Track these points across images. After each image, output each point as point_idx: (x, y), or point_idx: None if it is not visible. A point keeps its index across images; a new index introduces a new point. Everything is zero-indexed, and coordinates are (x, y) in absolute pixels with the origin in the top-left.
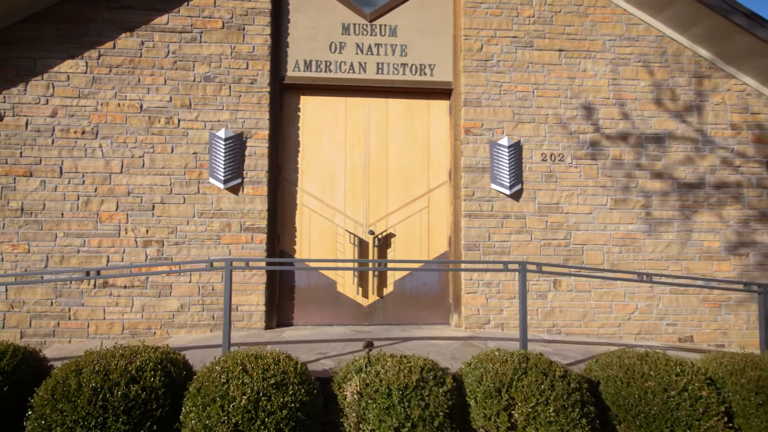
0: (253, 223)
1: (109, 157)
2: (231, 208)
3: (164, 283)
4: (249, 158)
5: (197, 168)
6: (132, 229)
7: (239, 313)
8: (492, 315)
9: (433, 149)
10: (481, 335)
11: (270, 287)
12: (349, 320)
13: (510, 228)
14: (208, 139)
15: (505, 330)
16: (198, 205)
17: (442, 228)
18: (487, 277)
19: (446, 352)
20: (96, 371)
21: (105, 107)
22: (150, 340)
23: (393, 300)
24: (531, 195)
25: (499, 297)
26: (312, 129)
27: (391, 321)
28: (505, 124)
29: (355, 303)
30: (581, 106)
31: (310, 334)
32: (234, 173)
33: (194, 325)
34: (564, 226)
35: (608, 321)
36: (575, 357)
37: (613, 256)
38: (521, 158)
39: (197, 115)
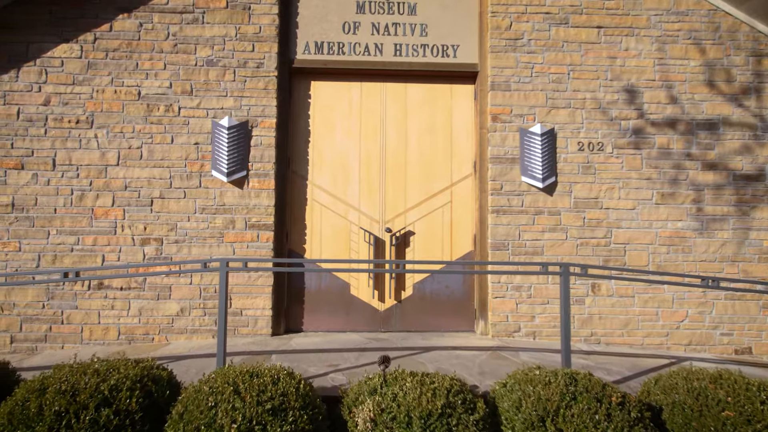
0: (259, 219)
1: (105, 148)
2: (235, 204)
3: (163, 285)
4: (255, 149)
5: (199, 160)
6: (129, 226)
7: (243, 317)
8: (522, 322)
9: (456, 138)
10: (510, 345)
11: (277, 290)
12: (363, 326)
13: (542, 225)
14: (211, 128)
15: (537, 339)
16: (199, 200)
17: (467, 225)
18: (517, 280)
19: (473, 365)
20: (62, 391)
21: (101, 94)
22: (146, 347)
23: (412, 305)
24: (566, 189)
25: (530, 302)
26: (324, 117)
27: (409, 328)
28: (537, 109)
29: (370, 308)
30: (623, 89)
31: (320, 342)
32: (238, 165)
33: (195, 330)
34: (603, 224)
35: (654, 330)
36: (621, 372)
37: (659, 257)
38: (555, 148)
39: (199, 102)
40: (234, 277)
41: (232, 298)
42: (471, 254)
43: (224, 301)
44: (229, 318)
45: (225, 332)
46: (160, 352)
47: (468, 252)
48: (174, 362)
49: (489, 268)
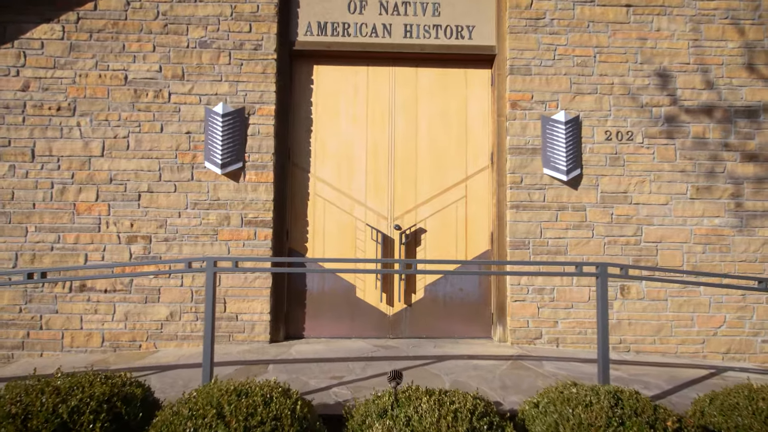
0: (257, 215)
1: (89, 138)
2: (230, 198)
3: (151, 287)
4: (252, 138)
5: (191, 150)
6: (114, 223)
7: (239, 323)
8: (545, 328)
9: (471, 127)
10: (532, 353)
11: (276, 292)
12: (370, 332)
13: (566, 222)
14: (204, 116)
15: (560, 347)
16: (191, 194)
17: (483, 222)
18: (539, 282)
19: (493, 378)
20: (11, 415)
21: (84, 79)
22: (132, 355)
23: (423, 308)
24: (592, 182)
25: (553, 306)
26: (327, 104)
27: (420, 334)
28: (561, 95)
29: (377, 312)
30: (654, 74)
31: (323, 350)
32: (234, 156)
33: (186, 337)
34: (633, 220)
35: (689, 336)
36: (659, 385)
37: (694, 257)
38: (580, 137)
39: (191, 87)
40: (229, 279)
41: (227, 301)
42: (488, 254)
43: (211, 307)
44: (224, 323)
45: (212, 342)
46: (147, 360)
47: (484, 251)
48: (159, 373)
49: (513, 268)
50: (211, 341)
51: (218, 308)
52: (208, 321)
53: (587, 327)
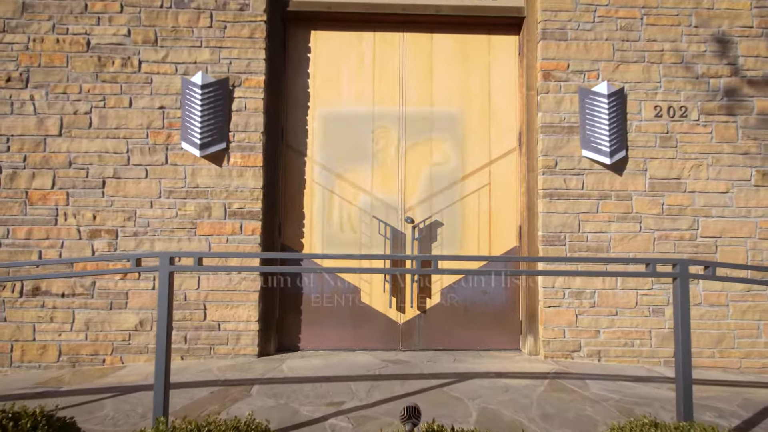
0: (243, 206)
1: (44, 114)
2: (212, 185)
3: (117, 291)
4: (237, 114)
5: (165, 129)
6: (74, 215)
7: (222, 333)
8: (584, 339)
9: (495, 103)
10: (571, 370)
11: (267, 297)
12: (377, 343)
13: (609, 213)
14: (180, 88)
15: (603, 360)
16: (166, 180)
17: (509, 214)
18: (577, 284)
19: (529, 404)
20: None
21: (39, 45)
22: (94, 371)
23: (439, 315)
24: (639, 166)
25: (593, 313)
26: (327, 76)
27: (436, 345)
28: (602, 64)
29: (386, 319)
30: (712, 39)
31: (320, 365)
32: (216, 136)
33: None
34: (688, 211)
35: (755, 349)
36: (735, 412)
37: (761, 255)
38: (625, 113)
39: (165, 54)
40: (210, 281)
41: (207, 307)
42: (515, 251)
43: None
44: (203, 333)
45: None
46: (108, 379)
47: (512, 248)
48: (119, 397)
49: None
50: (166, 363)
51: (197, 315)
52: (161, 335)
53: (634, 337)
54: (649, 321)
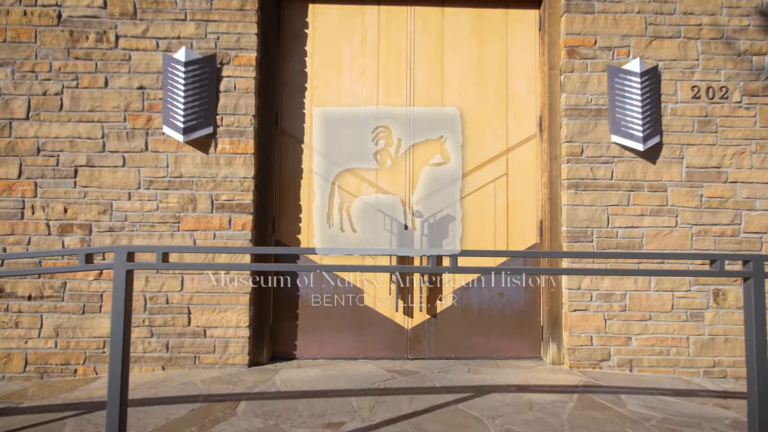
0: (232, 197)
1: (9, 95)
2: (197, 175)
3: (90, 293)
4: (226, 96)
5: (145, 111)
6: (43, 207)
7: (208, 340)
8: (614, 346)
9: (513, 85)
10: (601, 382)
11: (258, 300)
12: (382, 351)
13: (641, 206)
14: (162, 66)
15: (635, 371)
16: (146, 169)
17: (529, 207)
18: (605, 285)
19: (560, 424)
20: None
21: (4, 17)
22: (64, 383)
23: (451, 320)
24: (675, 153)
25: (625, 317)
26: (327, 54)
27: (448, 353)
28: (633, 40)
29: (392, 324)
30: (756, 12)
31: (318, 377)
32: (201, 119)
33: (137, 359)
34: (729, 204)
35: None
36: None
37: None
38: (659, 94)
39: (145, 28)
40: (194, 282)
41: (191, 311)
42: (535, 248)
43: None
44: (187, 341)
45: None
46: (77, 393)
47: (532, 245)
48: (83, 415)
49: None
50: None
51: (180, 320)
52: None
53: (670, 345)
54: (686, 326)
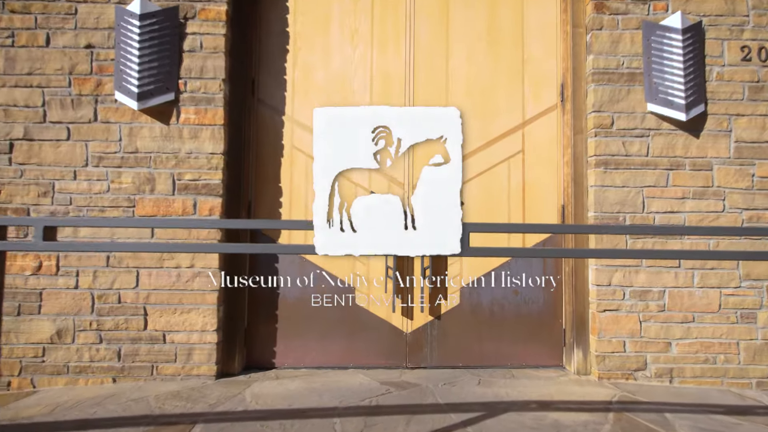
0: (197, 177)
1: None
2: (156, 150)
3: (27, 291)
4: (191, 56)
5: (94, 75)
6: None
7: (168, 346)
8: (650, 353)
9: (530, 48)
10: (639, 396)
11: (230, 299)
12: (377, 358)
13: (682, 187)
14: (114, 20)
15: (676, 382)
16: (95, 143)
17: (548, 190)
18: (640, 281)
19: None
20: None
21: None
22: None
23: (458, 322)
24: (722, 125)
25: (664, 319)
26: (312, 10)
27: (455, 361)
28: None
29: (388, 327)
30: None
31: (298, 391)
32: (161, 83)
33: (83, 369)
34: None
35: None
36: None
37: None
38: (703, 55)
39: None
40: (152, 276)
41: (148, 312)
42: (556, 237)
43: None
44: (143, 347)
45: None
46: (3, 412)
47: (553, 234)
48: None
49: None
50: None
51: (135, 323)
52: None
53: (717, 351)
54: (736, 329)
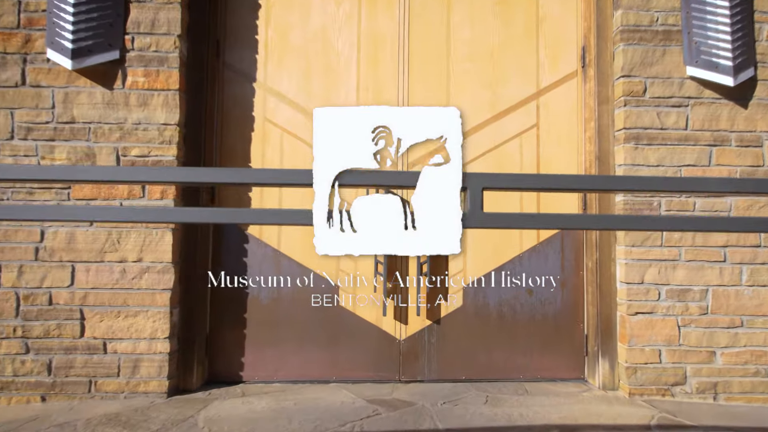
0: (147, 152)
1: None
2: (96, 119)
3: None
4: (139, 7)
5: (21, 29)
6: None
7: (108, 358)
8: (691, 364)
9: (545, 4)
10: (681, 418)
11: (187, 299)
12: (364, 370)
13: (728, 167)
14: None
15: (721, 399)
16: (22, 111)
17: (567, 170)
18: (679, 278)
19: None
20: None
21: None
22: None
23: (460, 326)
24: None
25: (707, 323)
26: None
27: (457, 374)
28: None
29: (378, 333)
30: None
31: (265, 412)
32: (101, 38)
33: (5, 385)
34: None
35: None
36: None
37: None
38: (752, 11)
39: None
40: (89, 274)
41: (85, 315)
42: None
43: None
44: (79, 358)
45: None
46: None
47: None
48: None
49: None
50: None
51: (69, 329)
52: None
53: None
54: None
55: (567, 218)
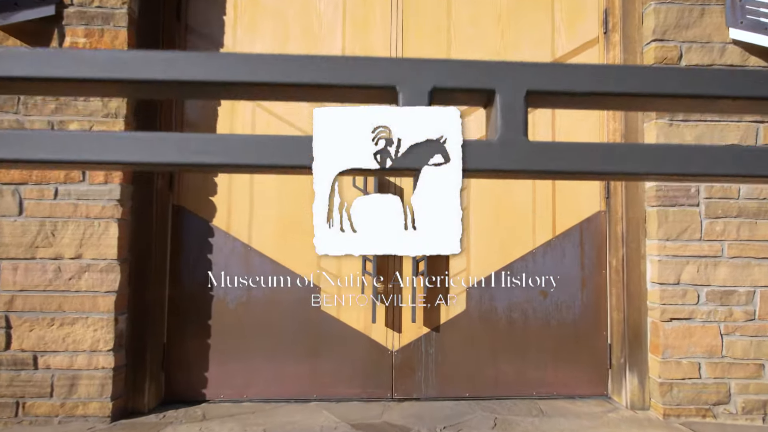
0: (88, 126)
1: None
2: None
3: None
4: None
5: None
6: None
7: (41, 374)
8: (736, 380)
9: None
10: None
11: (139, 305)
12: (350, 387)
13: None
14: None
15: None
16: None
17: None
18: (720, 278)
19: None
20: None
21: None
22: None
23: (463, 334)
24: None
25: (754, 331)
26: None
27: (459, 390)
28: None
29: (367, 343)
30: None
31: None
32: None
33: None
34: None
35: None
36: None
37: None
38: None
39: None
40: (18, 272)
41: (13, 323)
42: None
43: None
44: (5, 374)
45: None
46: None
47: (593, 214)
48: None
49: None
50: None
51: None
52: None
53: None
54: None
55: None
